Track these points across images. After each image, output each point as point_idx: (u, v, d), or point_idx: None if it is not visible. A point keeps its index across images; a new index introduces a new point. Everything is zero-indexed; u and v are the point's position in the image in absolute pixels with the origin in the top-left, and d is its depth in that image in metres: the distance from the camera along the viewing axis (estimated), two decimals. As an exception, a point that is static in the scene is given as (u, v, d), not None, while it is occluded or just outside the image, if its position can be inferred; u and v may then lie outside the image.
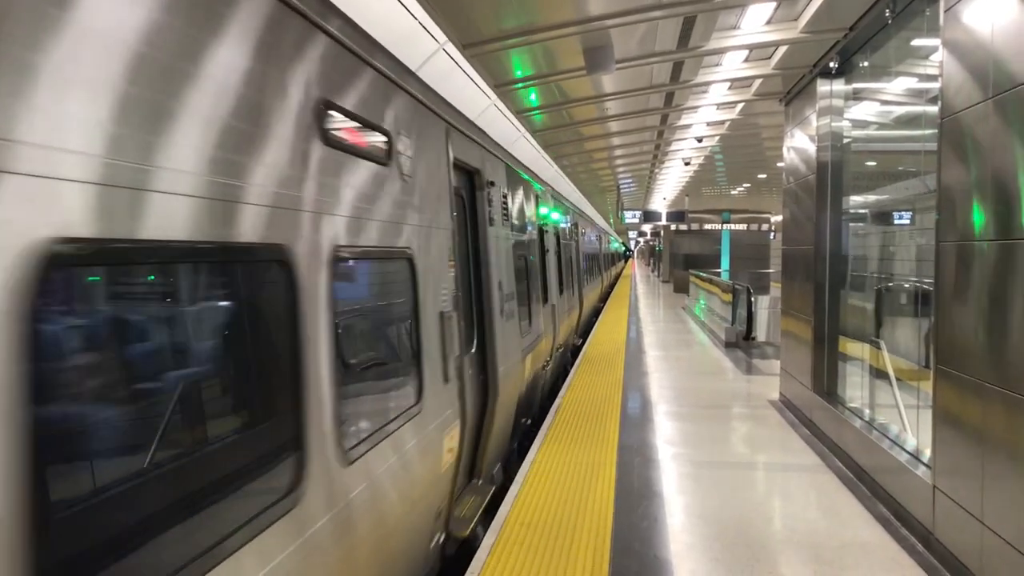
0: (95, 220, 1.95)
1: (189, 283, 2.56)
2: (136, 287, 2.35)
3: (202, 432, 2.58)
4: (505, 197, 7.86)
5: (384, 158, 4.19)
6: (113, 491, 2.08)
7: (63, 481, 1.94)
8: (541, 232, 11.01)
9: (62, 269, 1.89)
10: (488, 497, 6.40)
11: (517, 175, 8.98)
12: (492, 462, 7.09)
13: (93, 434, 2.11)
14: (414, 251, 4.59)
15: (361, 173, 3.85)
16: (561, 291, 13.32)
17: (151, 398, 2.32)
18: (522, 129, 12.38)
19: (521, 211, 9.06)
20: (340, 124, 3.59)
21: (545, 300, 10.98)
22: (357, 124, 3.85)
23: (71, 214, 1.88)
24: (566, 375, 12.27)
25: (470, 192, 6.75)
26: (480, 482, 6.66)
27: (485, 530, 5.60)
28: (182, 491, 2.33)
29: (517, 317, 8.01)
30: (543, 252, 11.21)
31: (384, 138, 4.23)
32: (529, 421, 9.36)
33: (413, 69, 5.43)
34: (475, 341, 6.58)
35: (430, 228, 4.94)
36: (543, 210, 11.07)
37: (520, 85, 10.60)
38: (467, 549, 5.69)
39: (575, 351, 15.71)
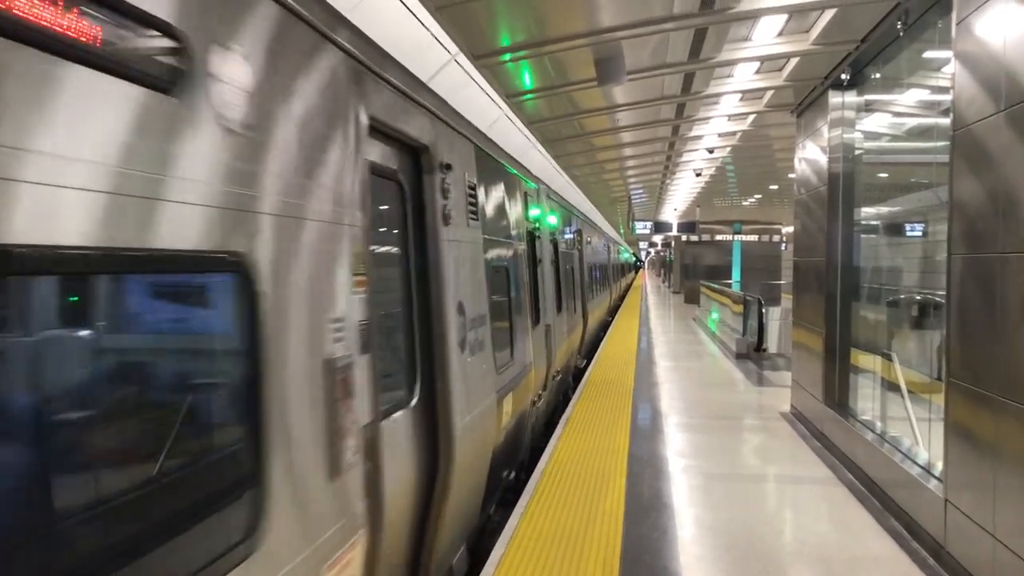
0: None
1: None
2: None
3: None
4: (473, 189, 5.89)
5: (164, 79, 2.21)
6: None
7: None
8: (532, 238, 9.42)
9: None
10: None
11: (495, 163, 7.13)
12: (448, 550, 5.11)
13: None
14: (256, 258, 2.64)
15: (93, 100, 1.97)
16: (560, 308, 11.50)
17: None
18: (533, 139, 12.40)
19: (501, 210, 7.27)
20: None
21: (537, 320, 9.26)
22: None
23: None
24: (567, 401, 11.02)
25: (413, 177, 4.70)
26: None
27: None
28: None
29: (491, 347, 6.04)
30: (534, 262, 9.53)
31: (170, 42, 2.24)
32: (512, 475, 7.42)
33: (426, 80, 5.45)
34: (417, 389, 4.57)
35: (301, 220, 3.00)
36: (535, 212, 9.47)
37: (531, 96, 10.62)
38: (478, 560, 5.68)
39: (578, 374, 13.84)
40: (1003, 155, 4.33)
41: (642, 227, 42.04)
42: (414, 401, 4.52)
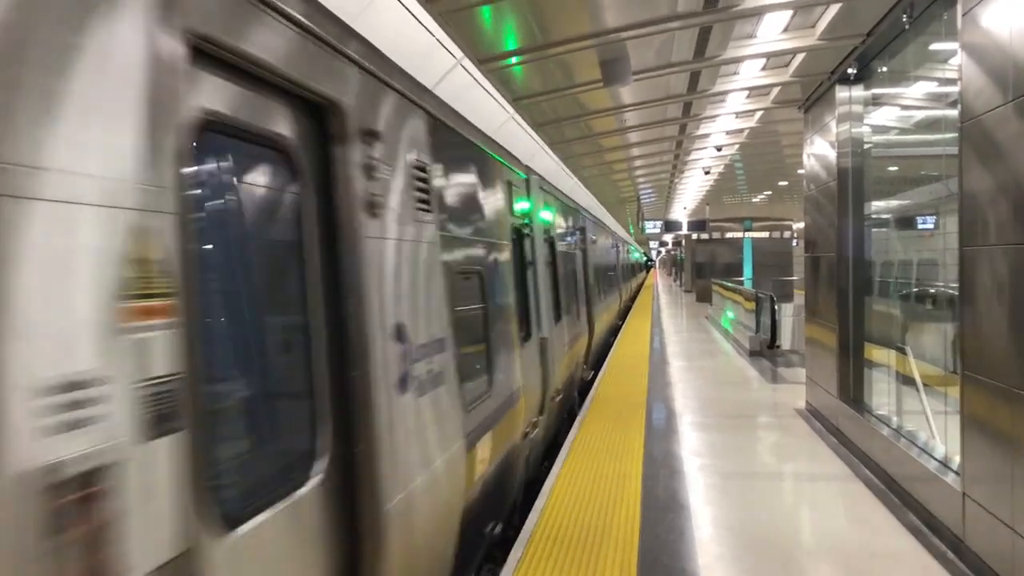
0: None
1: None
2: None
3: None
4: (424, 171, 4.39)
5: None
6: None
7: None
8: (520, 236, 8.01)
9: None
10: None
11: (462, 141, 5.64)
12: None
13: None
14: None
15: None
16: (559, 317, 9.90)
17: None
18: (540, 142, 12.41)
19: (472, 201, 5.81)
20: None
21: (527, 335, 7.68)
22: None
23: None
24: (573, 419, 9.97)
25: (313, 146, 3.23)
26: None
27: None
28: None
29: (455, 379, 4.56)
30: (523, 265, 8.06)
31: None
32: (499, 528, 5.87)
33: (430, 87, 5.45)
34: (325, 458, 3.11)
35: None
36: (523, 205, 8.02)
37: (537, 99, 10.62)
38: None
39: (585, 386, 12.57)
40: (1012, 146, 4.31)
41: (652, 226, 42.00)
42: (314, 480, 3.03)
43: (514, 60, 8.44)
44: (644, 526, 5.70)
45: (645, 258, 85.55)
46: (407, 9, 5.88)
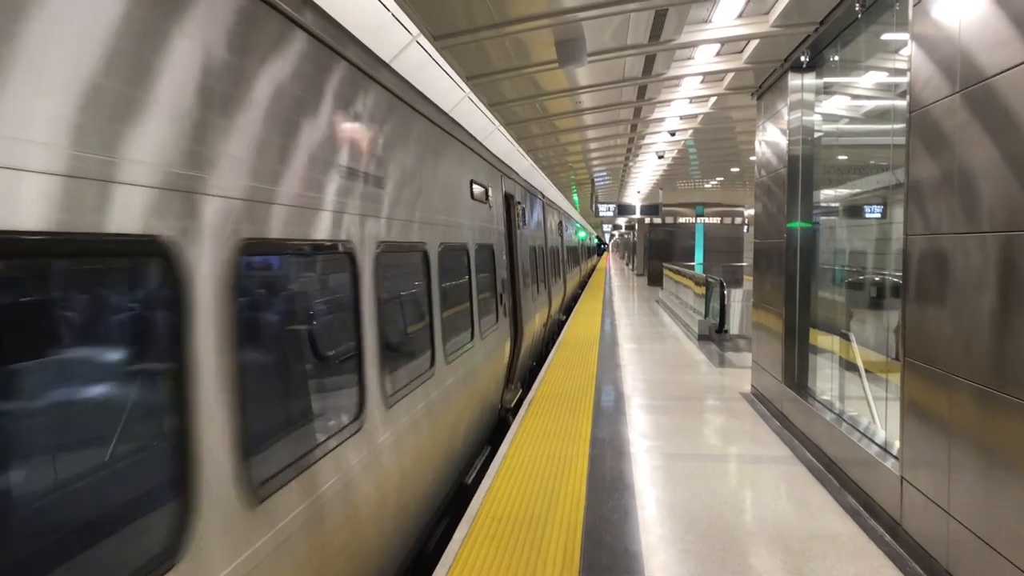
0: None
1: None
2: None
3: None
4: None
5: None
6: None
7: None
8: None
9: None
10: None
11: None
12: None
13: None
14: None
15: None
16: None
17: None
18: (496, 122, 12.36)
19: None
20: None
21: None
22: None
23: None
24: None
25: None
26: None
27: None
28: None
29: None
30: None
31: None
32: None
33: (387, 60, 5.37)
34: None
35: None
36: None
37: (493, 77, 10.55)
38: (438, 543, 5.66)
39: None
40: (958, 136, 4.37)
41: (605, 209, 42.13)
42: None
43: (470, 37, 8.36)
44: (589, 506, 5.73)
45: (599, 241, 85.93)
46: (361, -20, 5.77)
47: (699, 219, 38.93)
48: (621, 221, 57.92)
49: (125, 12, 2.34)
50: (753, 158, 10.70)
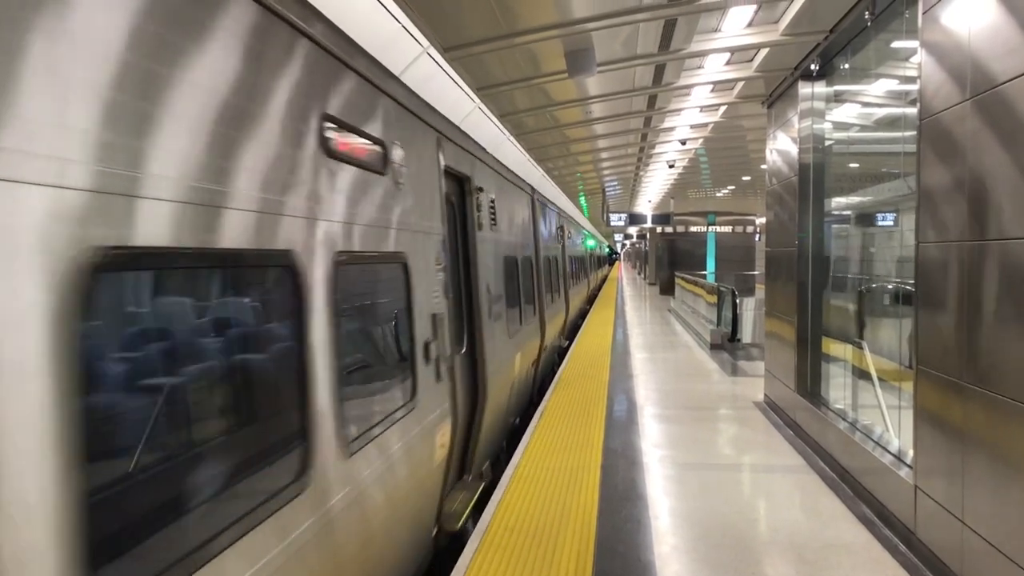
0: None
1: None
2: None
3: None
4: None
5: None
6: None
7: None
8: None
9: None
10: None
11: None
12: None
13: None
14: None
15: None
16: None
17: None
18: (506, 132, 12.36)
19: None
20: None
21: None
22: None
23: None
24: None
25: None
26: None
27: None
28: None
29: None
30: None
31: None
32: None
33: (397, 73, 5.41)
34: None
35: None
36: None
37: (503, 88, 10.57)
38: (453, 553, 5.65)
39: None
40: (969, 143, 4.36)
41: (617, 219, 42.09)
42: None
43: (479, 48, 8.38)
44: (602, 516, 5.72)
45: (610, 250, 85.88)
46: (371, -7, 5.79)
47: (711, 228, 38.90)
48: (632, 230, 57.91)
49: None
50: (764, 166, 10.68)
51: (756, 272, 29.17)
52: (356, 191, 4.16)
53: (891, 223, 7.60)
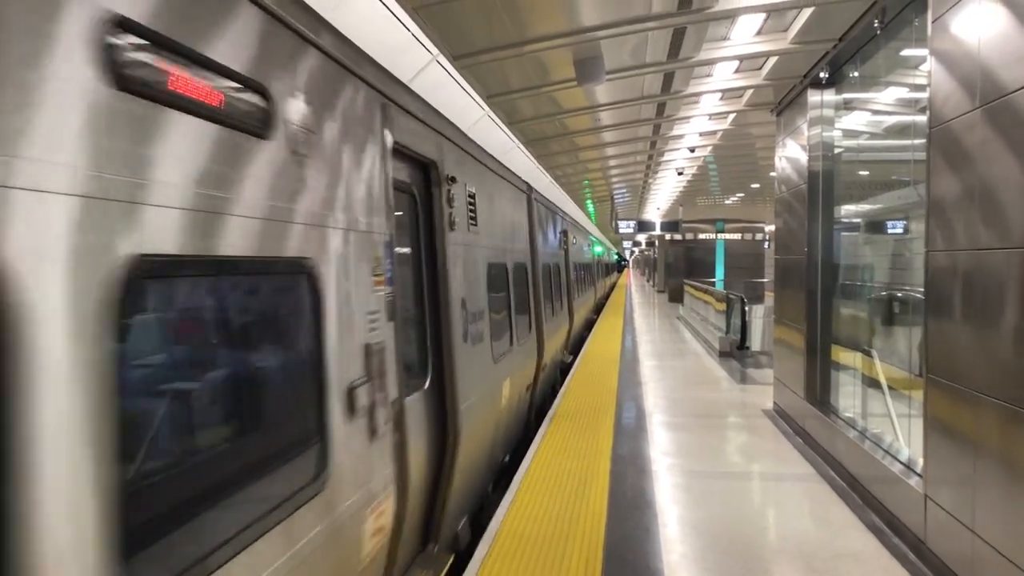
0: None
1: None
2: None
3: None
4: None
5: None
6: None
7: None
8: None
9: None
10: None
11: None
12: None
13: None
14: None
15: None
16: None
17: None
18: (515, 139, 12.39)
19: None
20: None
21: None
22: None
23: None
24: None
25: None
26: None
27: None
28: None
29: None
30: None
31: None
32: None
33: (406, 81, 5.42)
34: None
35: None
36: None
37: (512, 96, 10.61)
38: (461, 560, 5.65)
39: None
40: (979, 151, 4.35)
41: (625, 226, 42.14)
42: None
43: (489, 57, 8.42)
44: (610, 524, 5.71)
45: (619, 258, 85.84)
46: (382, 2, 5.83)
47: (719, 235, 38.86)
48: (641, 238, 57.88)
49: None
50: (773, 174, 10.69)
51: (765, 279, 29.10)
52: (194, 154, 2.61)
53: (901, 231, 7.58)
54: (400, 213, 5.12)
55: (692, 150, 21.80)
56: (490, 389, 7.06)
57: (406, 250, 5.29)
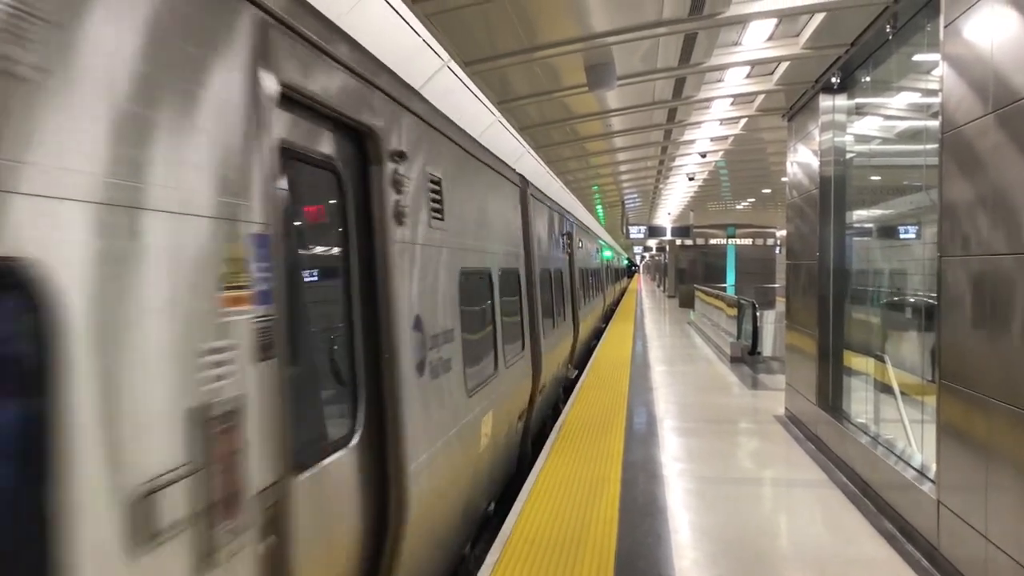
0: None
1: None
2: None
3: None
4: None
5: None
6: None
7: None
8: None
9: None
10: None
11: None
12: None
13: None
14: None
15: None
16: None
17: None
18: (526, 145, 12.42)
19: None
20: None
21: None
22: None
23: None
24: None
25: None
26: None
27: None
28: None
29: None
30: None
31: None
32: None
33: (418, 87, 5.44)
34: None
35: None
36: None
37: (523, 101, 10.63)
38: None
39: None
40: (992, 157, 4.34)
41: (636, 231, 42.14)
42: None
43: (500, 63, 8.44)
44: (622, 529, 5.70)
45: (629, 263, 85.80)
46: (393, 9, 5.86)
47: (730, 240, 38.78)
48: (652, 243, 57.85)
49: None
50: (785, 179, 10.67)
51: (776, 285, 29.02)
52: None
53: (913, 236, 7.56)
54: (312, 198, 3.90)
55: (703, 155, 21.78)
56: (461, 432, 5.50)
57: (321, 249, 4.09)
